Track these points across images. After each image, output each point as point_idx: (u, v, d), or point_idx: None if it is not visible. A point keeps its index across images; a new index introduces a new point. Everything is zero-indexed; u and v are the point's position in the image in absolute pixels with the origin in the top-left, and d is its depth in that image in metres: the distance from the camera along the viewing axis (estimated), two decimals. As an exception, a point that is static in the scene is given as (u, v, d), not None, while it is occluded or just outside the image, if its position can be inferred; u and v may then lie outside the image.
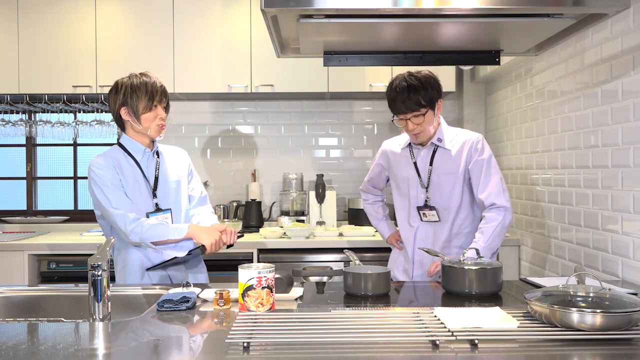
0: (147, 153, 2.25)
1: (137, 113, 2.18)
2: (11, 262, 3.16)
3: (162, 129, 2.22)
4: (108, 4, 3.56)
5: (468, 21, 1.75)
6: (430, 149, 2.34)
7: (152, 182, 2.24)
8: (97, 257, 1.56)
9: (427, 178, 2.33)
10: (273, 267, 1.61)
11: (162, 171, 2.27)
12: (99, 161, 2.17)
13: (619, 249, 2.22)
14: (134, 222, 2.10)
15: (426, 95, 2.21)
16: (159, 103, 2.20)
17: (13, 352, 1.29)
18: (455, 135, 2.35)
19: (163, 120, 2.21)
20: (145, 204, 2.20)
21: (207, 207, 2.38)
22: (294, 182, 3.79)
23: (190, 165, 2.39)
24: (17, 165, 4.04)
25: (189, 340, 1.41)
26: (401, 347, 1.27)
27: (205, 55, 3.55)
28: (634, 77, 2.11)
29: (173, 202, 2.27)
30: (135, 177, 2.21)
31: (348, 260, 2.44)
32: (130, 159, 2.22)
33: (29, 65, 3.54)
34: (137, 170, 2.22)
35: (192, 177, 2.38)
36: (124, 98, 2.18)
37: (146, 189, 2.22)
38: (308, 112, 3.99)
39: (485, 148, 2.31)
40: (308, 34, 1.88)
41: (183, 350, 1.33)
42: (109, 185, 2.13)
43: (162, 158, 2.31)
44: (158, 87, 2.19)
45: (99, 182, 2.13)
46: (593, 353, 1.26)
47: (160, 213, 2.21)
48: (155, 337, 1.43)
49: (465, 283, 1.82)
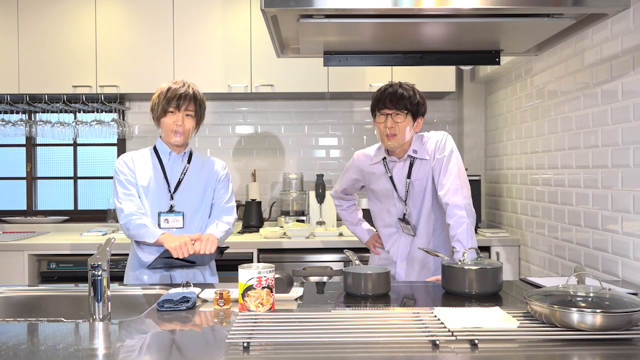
0: (172, 156, 2.31)
1: (157, 117, 2.27)
2: (11, 262, 3.16)
3: (177, 134, 2.24)
4: (108, 3, 3.56)
5: (468, 21, 1.75)
6: (406, 161, 2.31)
7: (174, 184, 2.29)
8: (97, 257, 1.56)
9: (404, 191, 2.32)
10: (273, 267, 1.61)
11: (188, 176, 2.31)
12: (120, 158, 2.31)
13: (619, 249, 2.22)
14: (126, 218, 2.19)
15: (412, 105, 2.22)
16: (176, 109, 2.22)
17: (13, 352, 1.29)
18: (426, 142, 2.31)
19: (179, 126, 2.23)
20: (161, 203, 2.27)
21: (227, 217, 2.35)
22: (294, 182, 3.79)
23: (222, 177, 2.37)
24: (17, 165, 4.04)
25: (189, 340, 1.41)
26: (401, 347, 1.27)
27: (205, 55, 3.55)
28: (634, 77, 2.11)
29: (191, 207, 2.30)
30: (156, 177, 2.28)
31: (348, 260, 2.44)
32: (156, 159, 2.31)
33: (29, 65, 3.54)
34: (158, 170, 2.29)
35: (222, 187, 2.37)
36: (152, 103, 2.27)
37: (164, 189, 2.28)
38: (308, 112, 3.99)
39: (447, 145, 2.26)
40: (308, 34, 1.88)
41: (183, 351, 1.33)
42: (122, 179, 2.25)
43: (193, 164, 2.34)
44: (180, 93, 2.22)
45: (115, 175, 2.28)
46: (593, 353, 1.26)
47: (172, 215, 2.27)
48: (155, 337, 1.43)
49: (465, 283, 1.82)
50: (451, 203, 2.17)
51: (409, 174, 2.30)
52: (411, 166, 2.29)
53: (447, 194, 2.19)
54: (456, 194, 2.18)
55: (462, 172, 2.25)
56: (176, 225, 2.27)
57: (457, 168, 2.23)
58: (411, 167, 2.29)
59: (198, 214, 2.31)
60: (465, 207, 2.16)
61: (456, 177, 2.21)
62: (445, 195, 2.19)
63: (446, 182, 2.21)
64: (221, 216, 2.33)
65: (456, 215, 2.15)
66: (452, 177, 2.21)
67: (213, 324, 1.54)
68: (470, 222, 2.15)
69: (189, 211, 2.29)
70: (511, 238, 3.31)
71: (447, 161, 2.24)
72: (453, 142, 2.30)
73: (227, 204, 2.37)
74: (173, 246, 2.11)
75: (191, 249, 2.12)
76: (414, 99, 2.23)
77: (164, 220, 2.26)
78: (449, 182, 2.21)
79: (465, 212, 2.15)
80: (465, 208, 2.16)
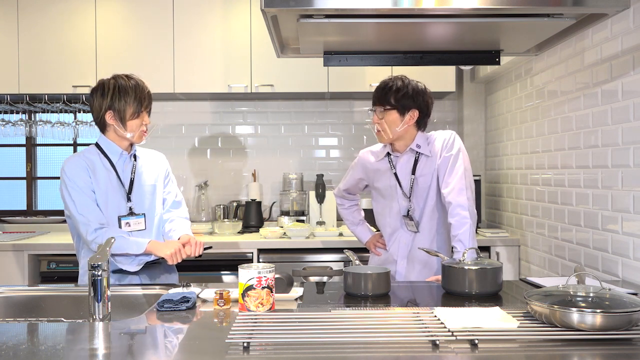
0: (123, 156, 2.21)
1: (123, 119, 2.14)
2: (11, 262, 3.16)
3: (144, 134, 2.20)
4: (108, 3, 3.56)
5: (468, 21, 1.75)
6: (410, 156, 2.31)
7: (127, 185, 2.21)
8: (97, 257, 1.56)
9: (409, 187, 2.31)
10: (273, 267, 1.61)
11: (138, 175, 2.24)
12: (72, 162, 2.14)
13: (619, 249, 2.22)
14: (95, 232, 2.08)
15: (398, 97, 2.21)
16: (145, 109, 2.17)
17: (13, 352, 1.29)
18: (433, 140, 2.31)
19: (146, 125, 2.19)
20: (119, 207, 2.18)
21: (180, 210, 2.34)
22: (294, 182, 3.79)
23: (167, 170, 2.36)
24: (17, 165, 4.04)
25: (189, 340, 1.41)
26: (401, 347, 1.27)
27: (205, 55, 3.55)
28: (634, 77, 2.11)
29: (148, 206, 2.24)
30: (110, 180, 2.18)
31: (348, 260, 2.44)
32: (106, 161, 2.18)
33: (29, 65, 3.54)
34: (112, 173, 2.18)
35: (169, 180, 2.35)
36: (111, 102, 2.12)
37: (120, 192, 2.19)
38: (308, 112, 3.99)
39: (455, 144, 2.26)
40: (308, 34, 1.88)
41: (183, 350, 1.33)
42: (77, 188, 2.10)
43: (139, 162, 2.27)
44: (146, 93, 2.17)
45: (69, 184, 2.10)
46: (593, 353, 1.26)
47: (133, 217, 2.18)
48: (155, 337, 1.43)
49: (465, 283, 1.82)
50: (454, 202, 2.17)
51: (413, 170, 2.30)
52: (416, 162, 2.30)
53: (451, 193, 2.19)
54: (460, 194, 2.18)
55: (469, 173, 2.24)
56: (138, 228, 2.19)
57: (464, 168, 2.22)
58: (416, 163, 2.29)
59: (155, 212, 2.26)
60: (468, 208, 2.17)
61: (462, 177, 2.20)
62: (450, 194, 2.19)
63: (451, 180, 2.21)
64: (176, 211, 2.31)
65: (459, 215, 2.15)
66: (457, 176, 2.20)
67: (213, 324, 1.54)
68: (472, 223, 2.16)
69: (148, 211, 2.24)
70: (511, 238, 3.31)
71: (455, 160, 2.23)
72: (461, 142, 2.29)
73: (177, 197, 2.35)
74: (169, 254, 2.08)
75: (184, 254, 2.11)
76: (402, 91, 2.21)
77: (125, 224, 2.16)
78: (454, 181, 2.20)
79: (469, 212, 2.16)
80: (468, 209, 2.16)
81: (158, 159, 2.36)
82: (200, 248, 2.16)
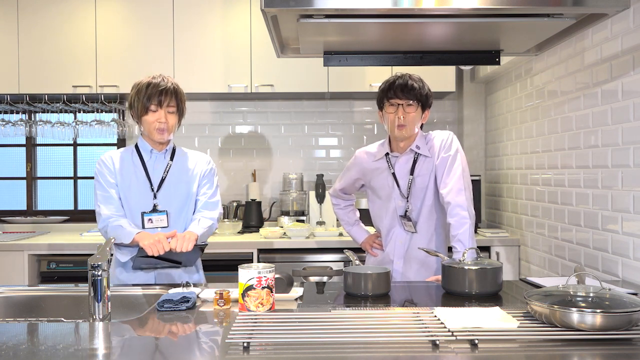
0: (154, 154, 2.25)
1: (138, 115, 2.19)
2: (11, 262, 3.16)
3: (162, 132, 2.18)
4: (108, 4, 3.56)
5: (468, 21, 1.75)
6: (409, 157, 2.31)
7: (157, 182, 2.23)
8: (97, 257, 1.56)
9: (407, 187, 2.31)
10: (273, 267, 1.61)
11: (171, 174, 2.25)
12: (102, 158, 2.24)
13: (619, 249, 2.22)
14: (104, 222, 2.16)
15: (422, 96, 2.24)
16: (158, 106, 2.15)
17: (13, 352, 1.29)
18: (431, 140, 2.31)
19: (163, 123, 2.16)
20: (144, 203, 2.21)
21: (209, 211, 2.28)
22: (294, 182, 3.79)
23: (206, 171, 2.32)
24: (17, 165, 4.04)
25: (189, 340, 1.41)
26: (401, 347, 1.27)
27: (205, 55, 3.55)
28: (634, 77, 2.11)
29: (176, 205, 2.24)
30: (136, 176, 2.22)
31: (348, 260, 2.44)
32: (137, 158, 2.25)
33: (29, 65, 3.54)
34: (140, 169, 2.23)
35: (206, 182, 2.32)
36: (131, 100, 2.20)
37: (147, 189, 2.22)
38: (308, 112, 3.99)
39: (453, 145, 2.27)
40: (308, 34, 1.88)
41: (183, 350, 1.33)
42: (99, 182, 2.21)
43: (176, 161, 2.28)
44: (160, 90, 2.15)
45: (95, 177, 2.23)
46: (593, 353, 1.26)
47: (155, 214, 2.20)
48: (155, 337, 1.43)
49: (465, 283, 1.82)
50: (454, 202, 2.17)
51: (412, 170, 2.30)
52: (414, 162, 2.30)
53: (449, 193, 2.19)
54: (459, 194, 2.18)
55: (466, 174, 2.25)
56: (160, 225, 2.20)
57: (462, 169, 2.23)
58: (415, 163, 2.30)
59: (183, 212, 2.26)
60: (467, 208, 2.17)
61: (460, 177, 2.21)
62: (448, 195, 2.19)
63: (450, 181, 2.21)
64: (205, 212, 2.27)
65: (458, 215, 2.15)
66: (456, 177, 2.21)
67: (213, 324, 1.54)
68: (471, 223, 2.16)
69: (173, 210, 2.23)
70: (511, 238, 3.31)
71: (453, 161, 2.24)
72: (459, 143, 2.30)
73: (211, 199, 2.30)
74: (147, 244, 2.02)
75: (166, 246, 2.03)
76: (423, 90, 2.25)
77: (148, 220, 2.19)
78: (452, 181, 2.20)
79: (467, 213, 2.16)
80: (467, 209, 2.17)
81: (198, 160, 2.33)
82: (189, 243, 2.07)
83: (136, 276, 2.21)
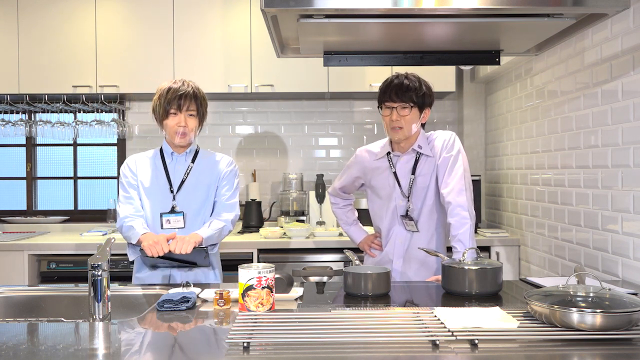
0: (175, 156, 2.31)
1: (160, 119, 2.25)
2: (11, 262, 3.16)
3: (182, 136, 2.23)
4: (108, 4, 3.56)
5: (468, 21, 1.75)
6: (411, 156, 2.31)
7: (177, 184, 2.28)
8: (97, 257, 1.56)
9: (408, 187, 2.31)
10: (273, 267, 1.61)
11: (192, 176, 2.30)
12: (127, 160, 2.35)
13: (619, 249, 2.22)
14: (121, 221, 2.24)
15: (419, 96, 2.22)
16: (177, 109, 2.21)
17: (13, 352, 1.29)
18: (433, 140, 2.32)
19: (183, 127, 2.21)
20: (163, 204, 2.28)
21: (226, 214, 2.30)
22: (294, 182, 3.79)
23: (225, 173, 2.33)
24: (17, 165, 4.04)
25: (189, 340, 1.41)
26: (401, 347, 1.27)
27: (205, 55, 3.55)
28: (634, 77, 2.11)
29: (194, 206, 2.29)
30: (157, 178, 2.30)
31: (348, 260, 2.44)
32: (159, 160, 2.32)
33: (29, 65, 3.54)
34: (161, 171, 2.30)
35: (226, 183, 2.33)
36: (154, 104, 2.26)
37: (167, 190, 2.28)
38: (308, 112, 3.99)
39: (455, 145, 2.27)
40: (308, 34, 1.88)
41: (183, 351, 1.33)
42: (124, 182, 2.31)
43: (198, 164, 2.32)
44: (179, 94, 2.19)
45: (120, 178, 2.34)
46: (593, 353, 1.26)
47: (173, 215, 2.27)
48: (155, 337, 1.43)
49: (465, 283, 1.82)
50: (454, 202, 2.17)
51: (413, 170, 2.30)
52: (416, 162, 2.30)
53: (450, 193, 2.19)
54: (460, 194, 2.18)
55: (467, 174, 2.25)
56: (177, 226, 2.26)
57: (463, 169, 2.24)
58: (416, 163, 2.30)
59: (201, 214, 2.30)
60: (467, 208, 2.17)
61: (461, 177, 2.21)
62: (449, 195, 2.19)
63: (451, 181, 2.21)
64: (221, 213, 2.29)
65: (459, 215, 2.16)
66: (457, 177, 2.21)
67: (213, 324, 1.54)
68: (471, 223, 2.16)
69: (190, 211, 2.28)
70: (511, 238, 3.31)
71: (454, 161, 2.24)
72: (460, 144, 2.30)
73: (228, 200, 2.32)
74: (146, 245, 2.08)
75: (165, 247, 2.06)
76: (420, 91, 2.23)
77: (166, 221, 2.26)
78: (453, 181, 2.21)
79: (468, 213, 2.16)
80: (467, 209, 2.17)
81: (219, 162, 2.36)
82: (188, 246, 2.08)
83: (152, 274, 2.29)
